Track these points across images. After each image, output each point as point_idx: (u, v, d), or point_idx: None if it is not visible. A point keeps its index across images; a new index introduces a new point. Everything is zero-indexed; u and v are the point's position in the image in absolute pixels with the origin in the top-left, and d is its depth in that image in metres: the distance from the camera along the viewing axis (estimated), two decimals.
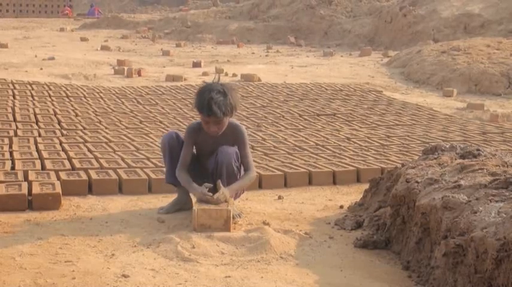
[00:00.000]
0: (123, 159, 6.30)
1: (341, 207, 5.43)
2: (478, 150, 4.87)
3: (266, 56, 18.72)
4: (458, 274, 3.51)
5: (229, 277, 3.90)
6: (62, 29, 26.60)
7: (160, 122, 8.43)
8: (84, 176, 5.67)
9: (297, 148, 7.17)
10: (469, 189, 3.96)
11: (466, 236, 3.49)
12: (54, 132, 7.57)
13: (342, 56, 18.64)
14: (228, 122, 5.00)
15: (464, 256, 3.48)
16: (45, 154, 6.40)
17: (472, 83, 13.08)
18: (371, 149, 7.27)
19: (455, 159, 4.75)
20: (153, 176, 5.77)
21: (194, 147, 5.10)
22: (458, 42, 15.86)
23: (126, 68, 13.58)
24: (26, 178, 5.53)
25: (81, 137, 7.32)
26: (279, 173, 6.10)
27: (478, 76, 13.13)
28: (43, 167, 5.96)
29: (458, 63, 13.80)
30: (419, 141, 7.64)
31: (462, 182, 4.08)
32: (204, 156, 5.10)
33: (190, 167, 5.01)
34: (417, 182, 4.38)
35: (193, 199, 5.00)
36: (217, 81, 5.02)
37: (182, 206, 5.12)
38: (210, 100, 4.82)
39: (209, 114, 4.84)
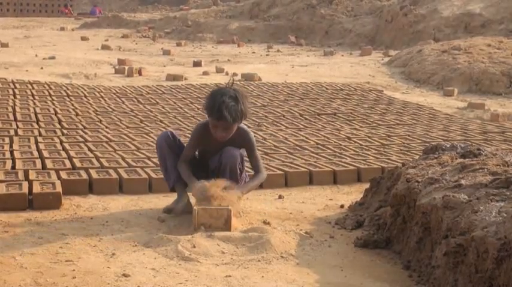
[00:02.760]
0: (123, 158, 6.30)
1: (342, 206, 5.43)
2: (478, 149, 4.87)
3: (267, 55, 18.72)
4: (459, 273, 3.51)
5: (229, 276, 3.90)
6: (62, 29, 26.62)
7: (161, 121, 8.43)
8: (84, 176, 5.67)
9: (297, 147, 7.17)
10: (469, 188, 3.96)
11: (467, 236, 3.49)
12: (55, 131, 7.57)
13: (342, 56, 18.64)
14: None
15: (465, 255, 3.48)
16: (45, 153, 6.39)
17: (473, 83, 13.08)
18: (371, 148, 7.27)
19: (456, 158, 4.74)
20: (153, 175, 5.77)
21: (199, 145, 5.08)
22: (459, 41, 15.86)
23: (126, 68, 13.58)
24: (26, 177, 5.53)
25: (81, 136, 7.32)
26: (280, 172, 6.10)
27: (479, 75, 13.13)
28: (43, 167, 5.96)
29: (459, 62, 13.80)
30: (419, 141, 7.64)
31: (463, 181, 4.08)
32: (207, 153, 5.08)
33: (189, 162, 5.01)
34: (418, 181, 4.38)
35: (192, 199, 4.98)
36: (230, 85, 4.97)
37: (189, 207, 4.95)
38: (222, 104, 4.75)
39: (219, 118, 4.77)
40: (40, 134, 7.38)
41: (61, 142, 6.98)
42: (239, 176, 4.96)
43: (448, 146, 5.21)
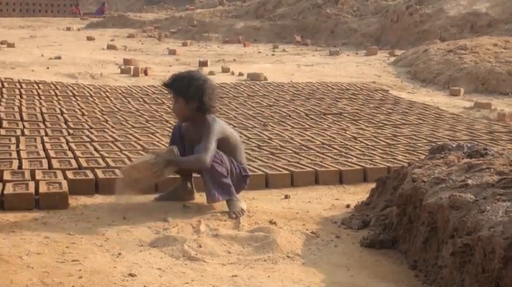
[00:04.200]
0: (129, 158, 6.30)
1: (348, 206, 5.43)
2: (485, 149, 4.86)
3: (272, 55, 18.72)
4: (466, 273, 3.50)
5: (235, 276, 3.90)
6: (68, 28, 26.64)
7: (167, 121, 8.43)
8: (90, 175, 5.68)
9: (303, 147, 7.17)
10: (476, 188, 3.95)
11: (474, 236, 3.48)
12: (61, 131, 7.58)
13: (348, 55, 18.63)
14: (203, 117, 5.10)
15: (471, 255, 3.48)
16: (52, 153, 6.40)
17: (479, 82, 13.05)
18: (378, 148, 7.26)
19: (462, 158, 4.74)
20: None
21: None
22: (465, 41, 15.82)
23: (132, 67, 13.59)
24: (33, 177, 5.54)
25: (87, 136, 7.33)
26: (286, 172, 6.09)
27: (485, 75, 13.11)
28: (50, 167, 5.96)
29: (465, 62, 13.77)
30: (426, 141, 7.63)
31: (469, 181, 4.07)
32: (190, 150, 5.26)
33: None
34: (424, 181, 4.37)
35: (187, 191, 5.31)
36: (200, 71, 5.30)
37: (180, 195, 5.31)
38: (175, 74, 5.24)
39: (164, 85, 5.25)
40: (46, 134, 7.39)
41: (67, 142, 6.99)
42: (216, 168, 5.01)
43: (454, 145, 5.20)
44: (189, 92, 5.03)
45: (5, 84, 10.33)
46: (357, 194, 5.85)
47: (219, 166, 5.02)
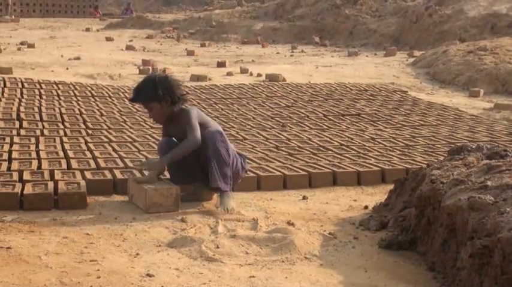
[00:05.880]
0: (147, 159, 6.31)
1: (366, 207, 5.41)
2: (505, 151, 4.83)
3: (291, 56, 18.71)
4: (485, 275, 3.48)
5: (253, 277, 3.90)
6: (87, 29, 26.78)
7: None
8: (109, 176, 5.70)
9: (321, 148, 7.15)
10: (495, 190, 3.92)
11: (493, 237, 3.46)
12: (80, 131, 7.62)
13: (367, 56, 18.58)
14: (178, 109, 5.23)
15: (490, 257, 3.45)
16: (70, 154, 6.44)
17: (499, 83, 12.96)
18: (396, 149, 7.24)
19: (482, 160, 4.70)
20: None
21: None
22: (485, 42, 15.72)
23: (151, 68, 13.63)
24: (52, 177, 5.57)
25: (106, 136, 7.36)
26: (304, 173, 6.09)
27: (506, 76, 13.01)
28: (69, 167, 6.00)
29: (485, 63, 13.69)
30: (445, 142, 7.59)
31: (489, 183, 4.04)
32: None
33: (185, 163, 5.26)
34: (442, 183, 4.34)
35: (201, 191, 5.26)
36: (156, 71, 5.28)
37: (199, 195, 5.35)
38: (135, 87, 5.34)
39: (131, 101, 5.46)
40: (65, 134, 7.43)
41: (86, 142, 7.02)
42: (222, 153, 5.09)
43: (473, 147, 5.17)
44: (159, 94, 5.14)
45: (25, 85, 10.40)
46: (375, 196, 5.84)
47: (225, 152, 5.11)
